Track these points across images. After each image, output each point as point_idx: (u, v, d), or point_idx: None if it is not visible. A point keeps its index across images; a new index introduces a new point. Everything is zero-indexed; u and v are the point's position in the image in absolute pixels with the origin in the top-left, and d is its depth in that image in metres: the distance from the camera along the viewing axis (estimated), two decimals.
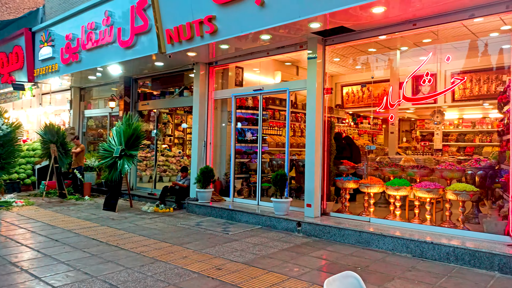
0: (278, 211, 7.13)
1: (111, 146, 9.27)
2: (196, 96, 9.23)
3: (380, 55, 9.71)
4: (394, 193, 6.30)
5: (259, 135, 8.47)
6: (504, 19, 5.63)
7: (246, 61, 8.73)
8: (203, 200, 8.56)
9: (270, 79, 10.58)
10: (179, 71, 10.16)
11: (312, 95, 7.04)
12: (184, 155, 15.32)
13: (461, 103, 10.77)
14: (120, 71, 10.49)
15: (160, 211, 8.82)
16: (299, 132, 11.72)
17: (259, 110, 8.47)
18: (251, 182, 9.48)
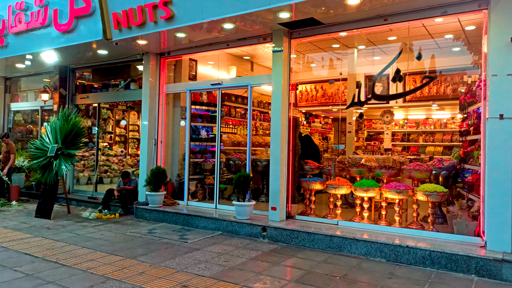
0: (240, 215, 6.60)
1: (45, 144, 8.11)
2: (146, 90, 8.38)
3: (338, 54, 9.56)
4: (363, 194, 6.08)
5: (218, 133, 7.87)
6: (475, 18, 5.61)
7: (203, 53, 8.06)
8: (154, 204, 7.77)
9: (224, 73, 10.00)
10: (126, 62, 9.20)
11: (278, 91, 6.61)
12: (127, 154, 14.21)
13: (412, 103, 11.01)
14: (55, 60, 9.26)
15: (104, 217, 7.87)
16: (253, 131, 11.27)
17: (217, 106, 7.87)
18: (206, 184, 8.84)
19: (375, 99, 6.19)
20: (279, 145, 6.55)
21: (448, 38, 8.20)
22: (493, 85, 4.85)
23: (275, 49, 6.60)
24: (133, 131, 14.69)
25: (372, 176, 6.63)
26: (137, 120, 14.75)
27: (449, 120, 13.75)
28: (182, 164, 8.74)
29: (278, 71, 6.59)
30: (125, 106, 14.16)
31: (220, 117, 7.83)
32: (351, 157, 8.27)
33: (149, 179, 7.77)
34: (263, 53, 9.69)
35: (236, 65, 10.05)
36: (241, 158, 8.91)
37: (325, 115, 15.09)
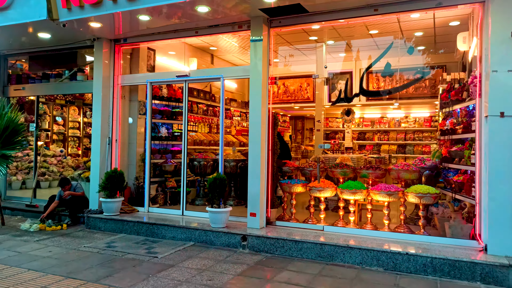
0: (216, 223, 5.89)
1: None
2: (98, 81, 7.30)
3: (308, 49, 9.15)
4: (350, 197, 5.67)
5: (184, 130, 7.05)
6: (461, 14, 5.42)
7: (166, 41, 7.19)
8: (111, 212, 6.77)
9: (183, 66, 9.16)
10: (72, 48, 7.99)
11: (257, 85, 5.98)
12: (67, 154, 12.72)
13: (375, 102, 10.95)
14: None
15: (49, 229, 6.71)
16: (215, 128, 10.53)
17: (184, 100, 7.04)
18: (167, 187, 7.97)
19: (363, 95, 5.79)
20: (258, 144, 5.94)
21: (417, 36, 8.13)
22: (493, 82, 4.64)
23: (254, 38, 5.96)
24: (73, 129, 13.21)
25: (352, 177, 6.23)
26: (77, 116, 13.29)
27: (403, 119, 14.06)
28: (141, 166, 7.79)
29: (257, 63, 5.97)
30: (64, 101, 12.66)
31: (186, 112, 7.01)
32: (325, 157, 7.90)
33: (104, 184, 6.75)
34: (224, 46, 9.01)
35: (196, 57, 9.26)
36: (207, 158, 8.16)
37: (284, 113, 14.72)
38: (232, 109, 10.97)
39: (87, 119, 13.77)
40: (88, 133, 13.81)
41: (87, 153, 13.81)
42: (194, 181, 8.89)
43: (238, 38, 8.08)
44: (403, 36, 8.28)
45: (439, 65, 9.58)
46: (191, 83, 7.43)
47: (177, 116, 8.57)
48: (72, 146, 13.30)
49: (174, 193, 8.00)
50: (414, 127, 13.83)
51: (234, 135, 11.27)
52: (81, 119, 13.44)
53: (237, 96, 11.95)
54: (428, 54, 8.93)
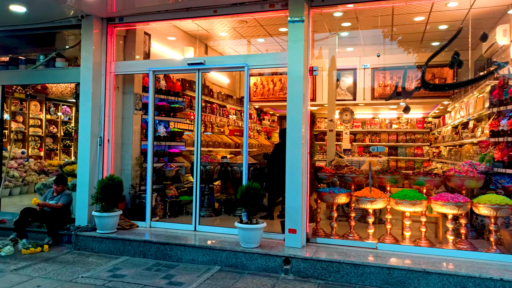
0: (248, 242, 4.82)
1: None
2: (87, 68, 5.96)
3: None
4: (409, 209, 4.83)
5: (197, 128, 5.90)
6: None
7: (171, 21, 6.05)
8: (107, 229, 5.48)
9: (178, 54, 7.99)
10: (49, 28, 6.54)
11: (297, 77, 4.99)
12: (28, 156, 10.99)
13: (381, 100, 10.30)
14: None
15: (26, 252, 5.30)
16: (210, 128, 9.39)
17: (196, 94, 5.88)
18: (167, 196, 6.75)
19: (425, 88, 4.96)
20: (299, 147, 4.95)
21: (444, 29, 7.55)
22: None
23: (293, 19, 4.96)
24: (34, 127, 11.50)
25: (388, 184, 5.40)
26: (39, 112, 11.60)
27: (394, 120, 13.62)
28: (138, 171, 6.53)
29: (296, 49, 4.98)
30: (24, 94, 10.94)
31: (200, 109, 5.86)
32: (349, 160, 7.05)
33: (99, 195, 5.45)
34: (220, 33, 7.96)
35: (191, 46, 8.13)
36: (213, 162, 7.04)
37: (273, 112, 13.80)
38: (228, 106, 9.88)
39: (51, 116, 12.08)
40: (52, 131, 12.13)
41: (50, 155, 12.11)
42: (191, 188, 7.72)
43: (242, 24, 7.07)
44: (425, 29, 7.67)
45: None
46: (212, 71, 6.24)
47: (175, 112, 7.36)
48: (33, 146, 11.57)
49: (175, 203, 6.82)
50: (406, 128, 13.45)
51: (228, 136, 10.19)
52: (44, 116, 11.75)
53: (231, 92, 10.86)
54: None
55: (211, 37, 8.49)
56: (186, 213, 6.98)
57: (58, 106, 12.48)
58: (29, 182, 9.91)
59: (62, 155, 12.65)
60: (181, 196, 6.99)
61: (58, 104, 12.48)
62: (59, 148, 12.41)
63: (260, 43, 8.72)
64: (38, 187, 7.57)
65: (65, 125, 12.72)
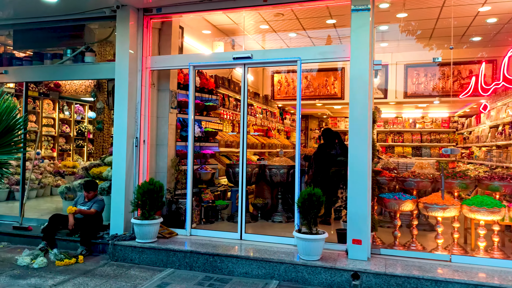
0: (309, 254, 4.37)
1: None
2: (123, 63, 5.51)
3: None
4: (486, 217, 4.40)
5: (243, 127, 5.45)
6: None
7: (214, 12, 5.58)
8: (147, 238, 5.03)
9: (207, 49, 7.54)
10: (78, 20, 6.08)
11: (361, 71, 4.55)
12: (44, 158, 10.53)
13: (414, 99, 9.86)
14: None
15: (60, 263, 4.84)
16: (237, 127, 8.93)
17: (242, 90, 5.43)
18: (203, 201, 6.30)
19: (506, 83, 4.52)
20: (363, 150, 4.51)
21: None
22: None
23: (357, 7, 4.51)
24: (47, 126, 11.06)
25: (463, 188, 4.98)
26: (52, 111, 11.15)
27: (418, 120, 13.19)
28: (173, 174, 6.07)
29: (361, 41, 4.53)
30: (38, 93, 10.48)
31: (245, 106, 5.41)
32: (394, 162, 6.61)
33: (139, 200, 5.00)
34: (250, 28, 7.50)
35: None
36: (250, 164, 6.60)
37: (294, 111, 13.34)
38: (255, 104, 9.42)
39: (64, 115, 11.63)
40: (64, 131, 11.67)
41: (62, 155, 11.66)
42: (226, 192, 7.28)
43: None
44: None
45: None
46: (258, 66, 5.78)
47: (209, 111, 6.91)
48: (46, 147, 11.11)
49: (209, 208, 6.38)
50: (430, 128, 13.02)
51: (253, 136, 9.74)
52: (57, 115, 11.30)
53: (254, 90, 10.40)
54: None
55: (238, 31, 8.02)
56: (221, 219, 6.54)
57: (71, 105, 12.03)
58: (45, 184, 9.45)
59: (75, 155, 12.20)
60: (216, 201, 6.54)
61: (71, 103, 12.02)
62: (72, 148, 11.95)
63: (292, 38, 8.27)
64: (61, 190, 7.11)
65: (77, 125, 12.26)
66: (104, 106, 9.81)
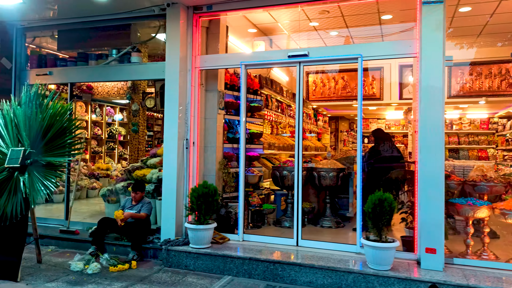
0: (380, 263, 4.10)
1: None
2: (173, 63, 5.34)
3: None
4: None
5: (299, 128, 5.23)
6: None
7: (271, 8, 5.38)
8: (202, 243, 4.84)
9: (248, 48, 7.33)
10: (124, 19, 5.96)
11: (434, 69, 4.28)
12: (80, 159, 10.50)
13: (458, 99, 9.47)
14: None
15: (114, 269, 4.69)
16: (276, 129, 8.71)
17: (297, 90, 5.21)
18: (251, 205, 6.09)
19: None
20: (437, 153, 4.23)
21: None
22: None
23: (430, 0, 4.24)
24: (80, 128, 10.98)
25: None
26: (84, 114, 11.14)
27: (456, 121, 12.74)
28: (221, 177, 5.88)
29: (434, 36, 4.26)
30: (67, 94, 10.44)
31: (301, 107, 5.20)
32: (452, 165, 6.27)
33: (194, 205, 4.81)
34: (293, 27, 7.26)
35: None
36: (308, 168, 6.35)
37: (326, 113, 13.07)
38: (293, 105, 9.18)
39: (96, 117, 11.61)
40: (96, 133, 11.65)
41: (94, 158, 11.63)
42: (269, 196, 7.06)
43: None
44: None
45: None
46: (313, 64, 5.53)
47: (253, 112, 6.71)
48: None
49: (257, 212, 6.17)
50: (468, 129, 12.56)
51: (290, 137, 9.50)
52: (89, 118, 11.29)
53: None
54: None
55: (277, 30, 7.80)
56: (267, 223, 6.32)
57: (102, 107, 12.01)
58: (81, 187, 9.40)
59: (106, 158, 12.18)
60: (263, 205, 6.33)
61: (102, 105, 12.01)
62: (103, 150, 11.92)
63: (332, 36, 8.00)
64: (103, 193, 7.01)
65: (108, 127, 12.24)
66: (139, 108, 9.73)
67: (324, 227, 6.23)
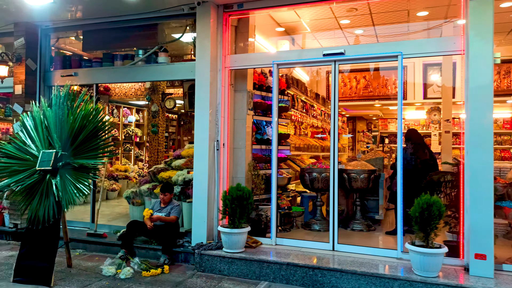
0: (426, 270, 3.92)
1: (28, 150, 4.54)
2: (204, 63, 5.22)
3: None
4: None
5: (334, 129, 5.06)
6: None
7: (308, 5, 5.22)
8: (236, 248, 4.70)
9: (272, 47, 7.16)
10: (151, 19, 5.85)
11: (484, 67, 4.08)
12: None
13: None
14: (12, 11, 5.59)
15: (146, 274, 4.57)
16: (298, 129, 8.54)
17: (332, 90, 5.05)
18: (280, 208, 5.94)
19: None
20: (487, 152, 4.04)
21: None
22: None
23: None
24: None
25: None
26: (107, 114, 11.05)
27: None
28: (250, 179, 5.74)
29: (483, 32, 4.07)
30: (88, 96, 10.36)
31: (337, 107, 5.03)
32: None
33: (228, 207, 4.67)
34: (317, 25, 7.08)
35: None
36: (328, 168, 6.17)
37: (345, 113, 12.86)
38: (316, 105, 9.03)
39: (114, 118, 11.53)
40: (113, 135, 11.57)
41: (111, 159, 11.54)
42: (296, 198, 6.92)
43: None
44: None
45: None
46: (348, 63, 5.35)
47: (280, 112, 6.54)
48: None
49: (285, 215, 6.02)
50: None
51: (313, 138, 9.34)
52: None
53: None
54: None
55: (300, 29, 7.63)
56: (296, 226, 6.17)
57: (119, 108, 11.94)
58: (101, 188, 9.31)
59: (123, 159, 12.11)
60: (293, 207, 6.17)
61: (119, 106, 11.93)
62: (120, 152, 11.85)
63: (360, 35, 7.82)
64: (127, 195, 6.91)
65: (125, 128, 12.17)
66: (159, 109, 9.63)
67: (355, 230, 6.06)
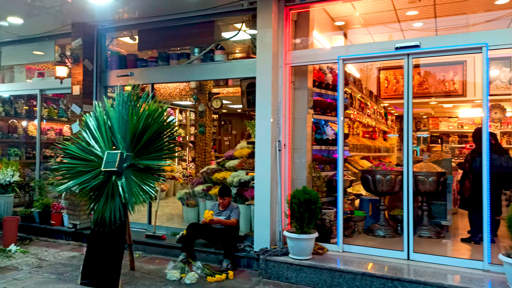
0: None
1: (93, 150, 4.48)
2: (265, 59, 5.00)
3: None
4: None
5: (408, 127, 4.72)
6: None
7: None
8: (304, 254, 4.45)
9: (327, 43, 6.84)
10: (207, 16, 5.70)
11: None
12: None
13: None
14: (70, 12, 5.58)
15: (212, 279, 4.41)
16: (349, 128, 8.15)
17: (406, 85, 4.71)
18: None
19: None
20: None
21: None
22: None
23: None
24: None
25: None
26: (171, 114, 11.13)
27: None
28: (311, 181, 5.47)
29: None
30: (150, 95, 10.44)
31: (410, 105, 4.69)
32: None
33: (296, 212, 4.43)
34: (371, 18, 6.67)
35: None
36: (393, 170, 5.81)
37: (395, 111, 12.33)
38: (369, 104, 8.63)
39: None
40: (179, 134, 11.62)
41: None
42: (354, 201, 6.58)
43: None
44: None
45: None
46: (422, 57, 4.96)
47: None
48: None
49: (346, 219, 5.70)
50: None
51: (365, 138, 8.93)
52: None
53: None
54: None
55: (352, 23, 7.24)
56: (357, 231, 5.84)
57: None
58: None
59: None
60: (355, 211, 5.86)
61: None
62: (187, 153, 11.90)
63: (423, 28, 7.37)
64: (181, 196, 6.84)
65: None
66: (206, 109, 9.54)
67: (422, 237, 5.65)
